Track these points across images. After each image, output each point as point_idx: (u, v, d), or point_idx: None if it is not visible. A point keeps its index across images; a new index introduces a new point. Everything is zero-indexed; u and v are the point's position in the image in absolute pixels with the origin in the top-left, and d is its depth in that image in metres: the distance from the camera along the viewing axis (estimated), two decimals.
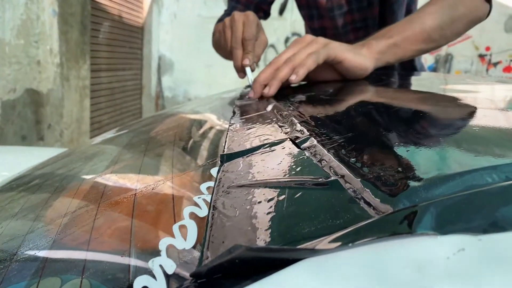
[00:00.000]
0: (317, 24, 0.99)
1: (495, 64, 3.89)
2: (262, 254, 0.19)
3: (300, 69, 0.51)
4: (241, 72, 0.65)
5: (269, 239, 0.21)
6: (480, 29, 3.83)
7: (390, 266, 0.17)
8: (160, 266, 0.22)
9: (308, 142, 0.31)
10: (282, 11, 4.11)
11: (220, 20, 0.90)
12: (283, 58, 0.54)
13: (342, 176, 0.25)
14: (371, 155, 0.27)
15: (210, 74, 4.33)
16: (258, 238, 0.21)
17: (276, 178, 0.27)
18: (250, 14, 0.65)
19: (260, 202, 0.24)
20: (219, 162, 0.31)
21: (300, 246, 0.19)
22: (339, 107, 0.42)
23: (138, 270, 0.23)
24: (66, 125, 2.60)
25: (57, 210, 0.34)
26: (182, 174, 0.34)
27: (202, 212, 0.26)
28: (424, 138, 0.29)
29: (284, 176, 0.27)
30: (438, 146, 0.26)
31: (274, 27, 4.01)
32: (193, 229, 0.24)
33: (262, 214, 0.23)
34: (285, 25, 4.14)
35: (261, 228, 0.22)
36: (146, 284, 0.21)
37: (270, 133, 0.36)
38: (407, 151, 0.26)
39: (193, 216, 0.25)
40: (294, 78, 0.51)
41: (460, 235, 0.18)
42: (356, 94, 0.50)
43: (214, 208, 0.24)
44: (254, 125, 0.39)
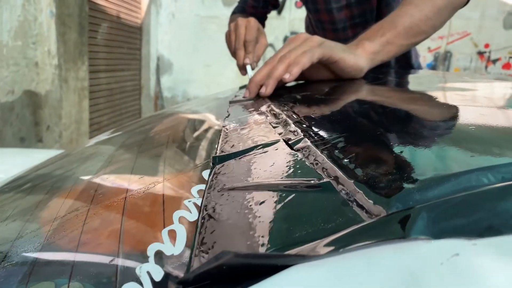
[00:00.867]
0: (314, 18, 0.98)
1: (494, 61, 3.88)
2: (250, 260, 0.18)
3: (294, 67, 0.51)
4: (243, 70, 0.73)
5: (259, 245, 0.20)
6: (479, 26, 3.83)
7: (382, 273, 0.17)
8: (147, 272, 0.21)
9: (301, 143, 0.30)
10: (280, 10, 4.10)
11: (233, 12, 1.04)
12: (278, 57, 0.53)
13: (335, 177, 0.24)
14: (365, 156, 0.26)
15: (209, 73, 4.32)
16: (248, 243, 0.21)
17: (268, 181, 0.26)
18: (252, 20, 0.75)
19: (251, 206, 0.23)
20: (211, 164, 0.31)
21: (288, 252, 0.18)
22: (334, 107, 0.42)
23: (126, 277, 0.22)
24: (65, 126, 2.60)
25: (47, 215, 0.33)
26: (173, 177, 0.33)
27: (192, 216, 0.25)
28: (418, 139, 0.28)
29: (276, 178, 0.26)
30: (433, 147, 0.26)
31: (273, 26, 4.00)
32: (182, 234, 0.24)
33: (252, 218, 0.22)
34: (283, 24, 4.13)
35: (251, 233, 0.21)
36: None
37: (263, 134, 0.35)
38: (402, 152, 0.26)
39: (183, 220, 0.25)
40: (288, 77, 0.51)
41: (454, 240, 0.17)
42: (351, 94, 0.49)
43: (204, 212, 0.24)
44: (248, 125, 0.39)
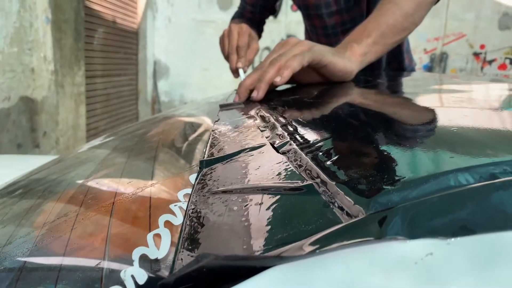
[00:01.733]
0: (308, 23, 0.99)
1: (490, 62, 3.90)
2: (229, 262, 0.18)
3: (284, 70, 0.51)
4: (235, 73, 0.78)
5: (241, 247, 0.21)
6: (474, 27, 3.84)
7: (358, 273, 0.17)
8: (131, 276, 0.22)
9: (286, 146, 0.30)
10: (276, 14, 4.12)
11: (233, 17, 1.07)
12: (268, 61, 0.54)
13: (318, 179, 0.24)
14: (348, 158, 0.26)
15: (205, 77, 4.33)
16: (230, 246, 0.21)
17: (253, 184, 0.27)
18: (244, 26, 0.80)
19: (234, 209, 0.24)
20: (199, 168, 0.31)
21: (268, 254, 0.18)
22: (321, 110, 0.42)
23: (111, 281, 0.22)
24: (62, 132, 2.60)
25: (37, 220, 0.34)
26: (161, 181, 0.33)
27: (177, 220, 0.25)
28: (401, 141, 0.28)
29: (261, 181, 0.27)
30: (415, 148, 0.26)
31: (269, 29, 3.99)
32: (167, 237, 0.24)
33: (235, 221, 0.23)
34: (279, 27, 4.14)
35: (234, 235, 0.22)
36: None
37: (251, 137, 0.35)
38: (384, 154, 0.26)
39: (168, 224, 0.25)
40: (279, 80, 0.51)
41: (428, 239, 0.17)
42: (339, 97, 0.49)
43: (188, 215, 0.24)
44: (237, 129, 0.39)
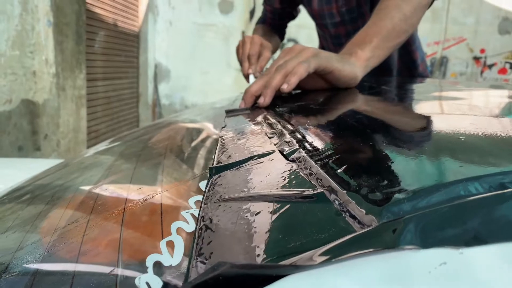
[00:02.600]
0: (319, 30, 1.02)
1: (490, 66, 3.91)
2: (246, 271, 0.19)
3: (291, 77, 0.51)
4: (247, 78, 0.83)
5: (255, 255, 0.21)
6: (474, 31, 3.86)
7: (372, 282, 0.17)
8: (146, 283, 0.22)
9: (296, 154, 0.31)
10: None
11: (257, 22, 1.19)
12: (274, 67, 0.54)
13: (329, 188, 0.25)
14: (358, 167, 0.27)
15: (206, 80, 4.34)
16: (244, 254, 0.21)
17: (264, 191, 0.27)
18: (255, 37, 0.87)
19: (247, 217, 0.24)
20: (208, 175, 0.31)
21: (282, 263, 0.19)
22: (329, 117, 0.42)
23: (125, 287, 0.23)
24: (63, 135, 2.60)
25: (47, 226, 0.34)
26: (171, 188, 0.34)
27: (190, 227, 0.26)
28: (410, 149, 0.29)
29: (272, 189, 0.27)
30: (425, 157, 0.26)
31: None
32: (180, 245, 0.24)
33: (248, 229, 0.23)
34: None
35: (247, 243, 0.22)
36: None
37: (259, 144, 0.36)
38: (394, 162, 0.26)
39: (180, 231, 0.25)
40: (286, 87, 0.51)
41: (442, 249, 0.18)
42: (346, 104, 0.50)
43: (201, 223, 0.24)
44: (244, 136, 0.39)
